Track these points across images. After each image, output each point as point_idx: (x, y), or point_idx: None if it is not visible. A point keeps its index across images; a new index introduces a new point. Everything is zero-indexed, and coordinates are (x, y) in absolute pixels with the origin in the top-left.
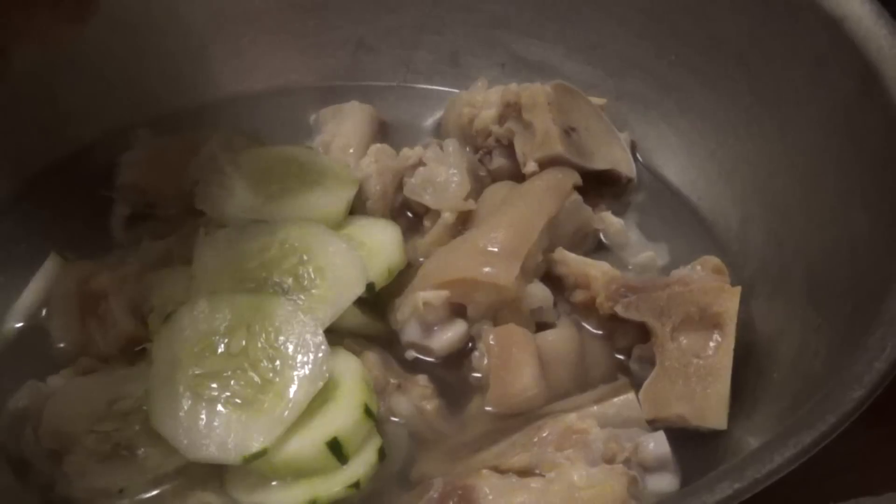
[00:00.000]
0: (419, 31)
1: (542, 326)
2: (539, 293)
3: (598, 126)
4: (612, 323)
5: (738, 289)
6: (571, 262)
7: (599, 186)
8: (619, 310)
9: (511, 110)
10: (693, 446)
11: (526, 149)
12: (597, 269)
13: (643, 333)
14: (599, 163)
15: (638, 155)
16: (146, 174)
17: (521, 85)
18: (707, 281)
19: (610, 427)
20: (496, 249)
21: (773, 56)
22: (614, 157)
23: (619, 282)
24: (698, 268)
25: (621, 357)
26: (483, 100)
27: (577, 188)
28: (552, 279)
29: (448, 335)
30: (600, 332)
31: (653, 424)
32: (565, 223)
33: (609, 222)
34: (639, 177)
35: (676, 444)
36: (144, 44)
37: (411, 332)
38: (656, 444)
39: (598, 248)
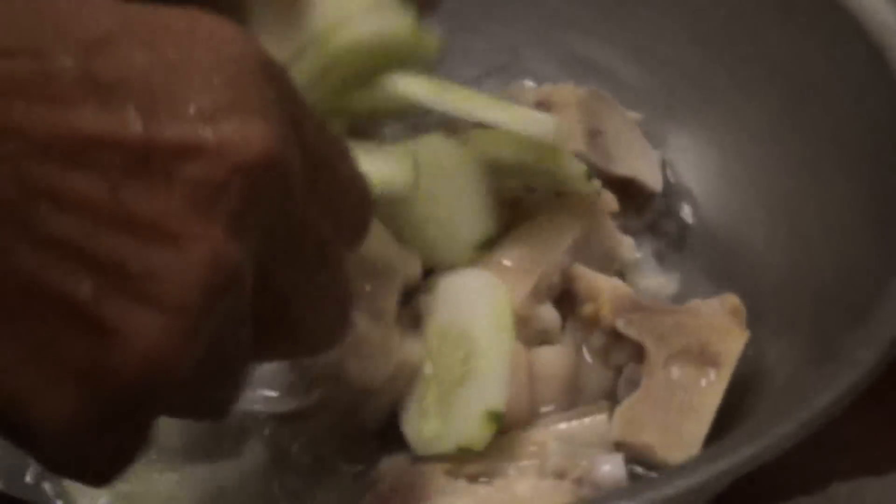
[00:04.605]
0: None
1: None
2: (547, 316)
3: (629, 135)
4: (611, 339)
5: (746, 333)
6: (584, 275)
7: (622, 199)
8: (619, 324)
9: (542, 109)
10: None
11: None
12: (607, 283)
13: (640, 355)
14: (621, 168)
15: (668, 174)
16: None
17: (555, 85)
18: (718, 317)
19: (574, 444)
20: (510, 264)
21: (817, 81)
22: (640, 167)
23: (628, 297)
24: (716, 303)
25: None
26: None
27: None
28: (565, 294)
29: None
30: (599, 351)
31: (619, 448)
32: (592, 247)
33: (623, 242)
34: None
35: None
36: None
37: None
38: (612, 467)
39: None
